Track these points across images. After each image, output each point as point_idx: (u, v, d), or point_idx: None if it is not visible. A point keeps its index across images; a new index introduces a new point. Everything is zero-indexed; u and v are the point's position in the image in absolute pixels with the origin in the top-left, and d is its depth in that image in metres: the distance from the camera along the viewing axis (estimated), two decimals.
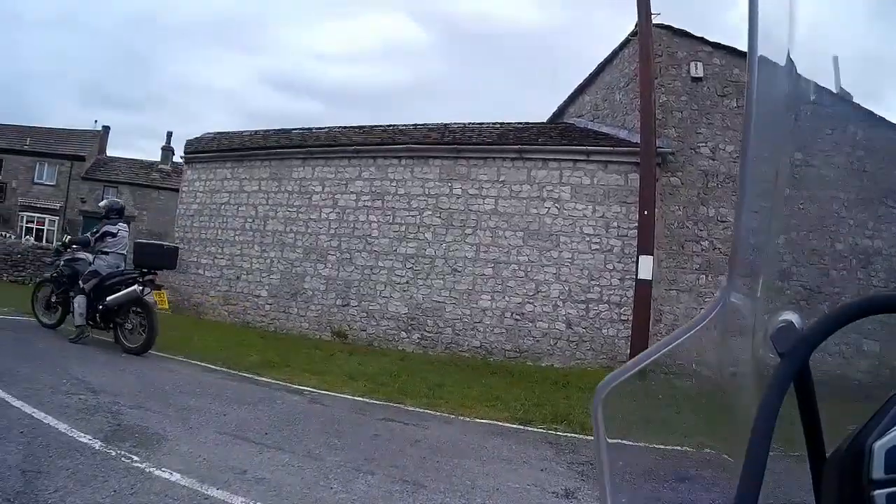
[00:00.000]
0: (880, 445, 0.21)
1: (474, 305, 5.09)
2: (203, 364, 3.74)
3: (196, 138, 8.10)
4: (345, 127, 7.13)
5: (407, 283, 6.08)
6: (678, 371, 0.30)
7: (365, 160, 6.50)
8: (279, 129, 7.64)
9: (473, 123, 6.65)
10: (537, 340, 4.86)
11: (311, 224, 6.73)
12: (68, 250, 4.14)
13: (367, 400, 3.11)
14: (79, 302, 3.84)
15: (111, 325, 3.83)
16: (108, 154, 18.03)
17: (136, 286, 3.60)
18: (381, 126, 7.02)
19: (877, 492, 0.21)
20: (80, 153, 16.60)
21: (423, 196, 6.22)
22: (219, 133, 8.10)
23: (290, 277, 6.66)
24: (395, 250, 6.25)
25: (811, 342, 0.23)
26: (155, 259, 3.80)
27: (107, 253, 3.90)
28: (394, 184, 6.38)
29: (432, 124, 6.70)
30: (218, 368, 3.68)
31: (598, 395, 0.27)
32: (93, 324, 3.93)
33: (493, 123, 6.62)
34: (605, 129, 5.59)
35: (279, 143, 7.14)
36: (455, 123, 6.67)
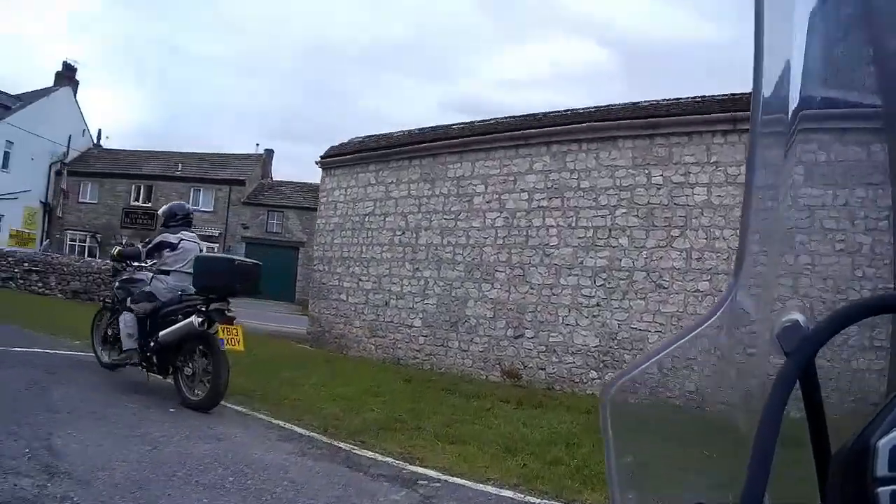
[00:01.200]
0: (885, 443, 0.46)
1: None
2: (288, 426, 5.79)
3: (338, 144, 14.71)
4: (511, 117, 12.06)
5: (597, 305, 9.47)
6: (685, 369, 0.66)
7: (536, 147, 10.80)
8: (434, 126, 13.24)
9: (668, 100, 9.99)
10: None
11: (474, 233, 11.34)
12: (127, 269, 6.87)
13: (526, 498, 4.13)
14: (125, 321, 6.26)
15: (171, 369, 6.14)
16: (272, 178, 38.07)
17: (193, 317, 5.71)
18: (555, 112, 11.42)
19: (881, 489, 0.45)
20: (240, 177, 35.27)
21: (613, 189, 9.67)
22: (365, 137, 14.48)
23: (449, 302, 11.45)
24: (581, 262, 9.92)
25: (817, 341, 0.52)
26: (223, 280, 5.88)
27: (167, 272, 6.32)
28: (574, 175, 10.24)
29: (618, 105, 10.51)
30: (308, 434, 5.59)
31: (606, 394, 0.63)
32: (146, 366, 6.35)
33: (694, 97, 9.78)
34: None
35: (430, 137, 12.60)
36: (645, 101, 10.11)
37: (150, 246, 6.64)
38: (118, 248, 7.38)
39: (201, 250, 6.86)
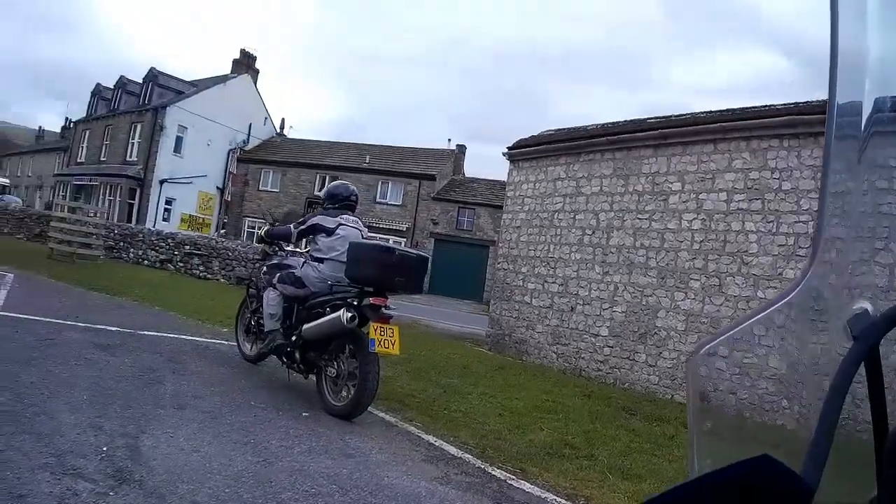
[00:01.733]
0: None
1: None
2: (439, 443, 6.99)
3: (528, 137, 18.58)
4: (709, 112, 14.79)
5: None
6: (760, 342, 1.19)
7: (735, 143, 13.51)
8: (629, 120, 16.60)
9: None
10: None
11: (668, 236, 14.28)
12: (278, 253, 8.78)
13: None
14: (268, 298, 8.03)
15: (314, 369, 7.70)
16: (465, 174, 52.20)
17: (342, 311, 7.10)
18: (754, 107, 13.96)
19: None
20: (430, 172, 48.87)
21: (815, 192, 11.28)
22: (556, 129, 18.36)
23: (639, 311, 14.48)
24: (781, 274, 12.24)
25: (882, 328, 0.93)
26: (379, 271, 7.25)
27: (321, 260, 7.92)
28: (776, 175, 12.71)
29: (817, 101, 12.43)
30: (459, 455, 6.71)
31: (692, 359, 1.14)
32: (287, 362, 7.99)
33: None
34: None
35: (625, 129, 15.79)
36: None
37: (303, 227, 8.25)
38: (267, 227, 9.08)
39: (364, 237, 8.27)
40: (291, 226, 8.60)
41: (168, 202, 50.03)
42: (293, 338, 7.94)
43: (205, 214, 51.88)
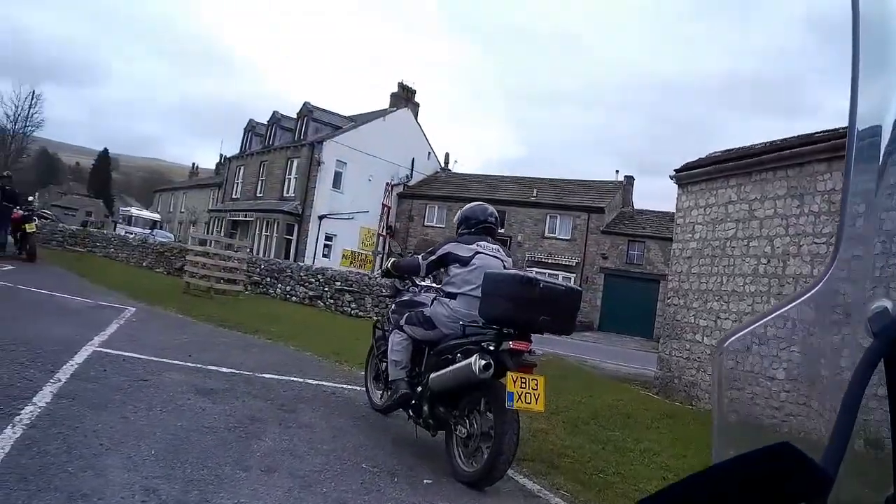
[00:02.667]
0: None
1: None
2: None
3: (695, 159, 17.66)
4: None
5: None
6: (784, 336, 1.32)
7: None
8: (798, 136, 15.31)
9: None
10: None
11: None
12: (410, 289, 8.15)
13: None
14: (393, 342, 7.34)
15: (443, 426, 6.82)
16: (634, 207, 52.77)
17: (474, 359, 6.14)
18: None
19: None
20: (599, 205, 49.26)
21: None
22: (724, 150, 17.26)
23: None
24: None
25: None
26: (520, 308, 6.18)
27: (453, 295, 7.00)
28: None
29: None
30: None
31: (720, 348, 1.34)
32: (413, 416, 7.15)
33: None
34: None
35: (795, 144, 14.67)
36: None
37: (433, 258, 7.32)
38: (393, 259, 8.21)
39: (506, 267, 7.19)
40: (420, 256, 7.61)
41: (328, 238, 51.27)
42: (420, 388, 7.09)
43: (367, 250, 52.63)
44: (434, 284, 8.08)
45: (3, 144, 63.14)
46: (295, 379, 9.93)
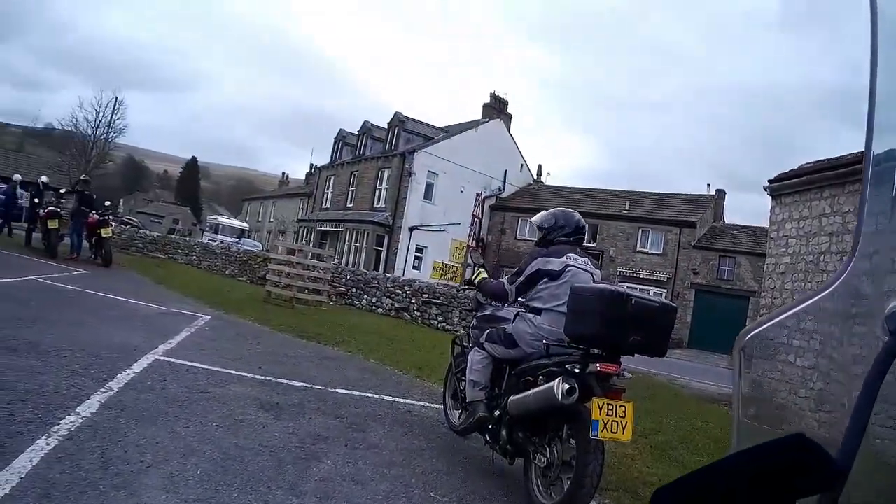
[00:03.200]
0: None
1: None
2: None
3: (789, 170, 17.08)
4: None
5: None
6: (803, 331, 1.65)
7: None
8: None
9: None
10: None
11: None
12: (492, 302, 7.74)
13: None
14: (472, 361, 6.97)
15: (522, 452, 6.38)
16: (725, 221, 52.24)
17: (557, 382, 5.62)
18: None
19: None
20: (691, 219, 48.73)
21: None
22: (817, 161, 16.62)
23: None
24: None
25: None
26: (610, 327, 5.58)
27: (538, 311, 6.56)
28: None
29: None
30: None
31: (739, 342, 1.70)
32: (490, 440, 6.72)
33: None
34: None
35: None
36: None
37: (522, 279, 6.79)
38: (481, 273, 7.89)
39: (596, 281, 6.69)
40: (505, 281, 7.03)
41: (419, 250, 51.10)
42: (498, 412, 6.60)
43: (457, 263, 52.32)
44: (519, 298, 7.38)
45: (84, 150, 64.20)
46: (370, 395, 9.56)
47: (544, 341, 6.25)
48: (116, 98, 64.81)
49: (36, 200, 24.46)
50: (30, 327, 9.33)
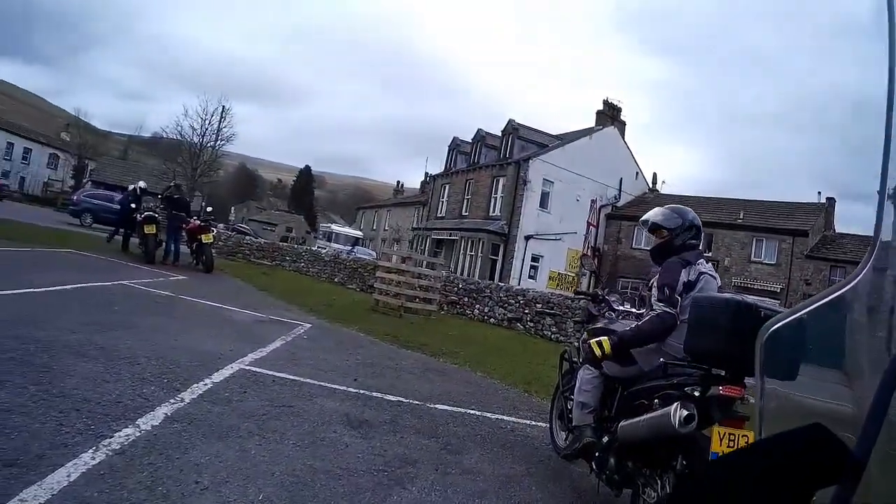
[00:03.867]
0: None
1: None
2: None
3: None
4: None
5: None
6: (823, 325, 1.95)
7: None
8: None
9: None
10: None
11: None
12: (606, 312, 7.45)
13: None
14: (581, 380, 6.54)
15: (629, 481, 5.79)
16: (834, 230, 51.31)
17: (674, 408, 4.97)
18: None
19: None
20: (802, 228, 47.94)
21: None
22: None
23: None
24: None
25: None
26: (737, 344, 4.57)
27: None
28: None
29: None
30: None
31: (762, 336, 2.02)
32: (596, 469, 6.15)
33: None
34: None
35: None
36: None
37: (680, 300, 5.89)
38: (597, 287, 7.26)
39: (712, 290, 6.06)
40: (663, 309, 5.96)
41: (535, 259, 50.74)
42: (606, 437, 6.09)
43: (574, 272, 51.93)
44: (633, 309, 7.14)
45: (190, 157, 65.43)
46: (471, 412, 9.04)
47: (662, 359, 5.71)
48: (224, 107, 65.59)
49: (132, 206, 24.47)
50: (107, 332, 9.02)
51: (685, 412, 4.96)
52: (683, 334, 5.52)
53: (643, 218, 6.67)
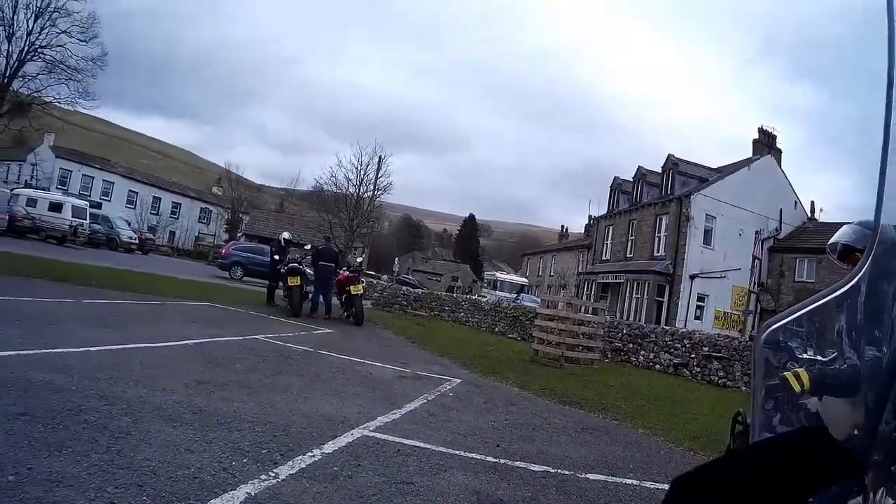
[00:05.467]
0: None
1: None
2: None
3: None
4: None
5: None
6: (820, 324, 2.66)
7: None
8: None
9: None
10: None
11: None
12: (788, 364, 7.33)
13: None
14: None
15: None
16: None
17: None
18: None
19: None
20: None
21: None
22: None
23: None
24: None
25: None
26: None
27: None
28: None
29: None
30: None
31: (760, 336, 2.68)
32: None
33: None
34: None
35: None
36: None
37: None
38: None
39: None
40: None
41: (700, 298, 49.42)
42: None
43: (740, 310, 50.07)
44: (819, 357, 5.48)
45: (346, 208, 65.78)
46: (628, 481, 7.79)
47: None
48: (380, 157, 65.85)
49: (276, 257, 24.05)
50: (214, 393, 8.28)
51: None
52: None
53: (831, 241, 5.24)
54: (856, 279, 1.80)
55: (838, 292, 1.84)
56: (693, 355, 22.63)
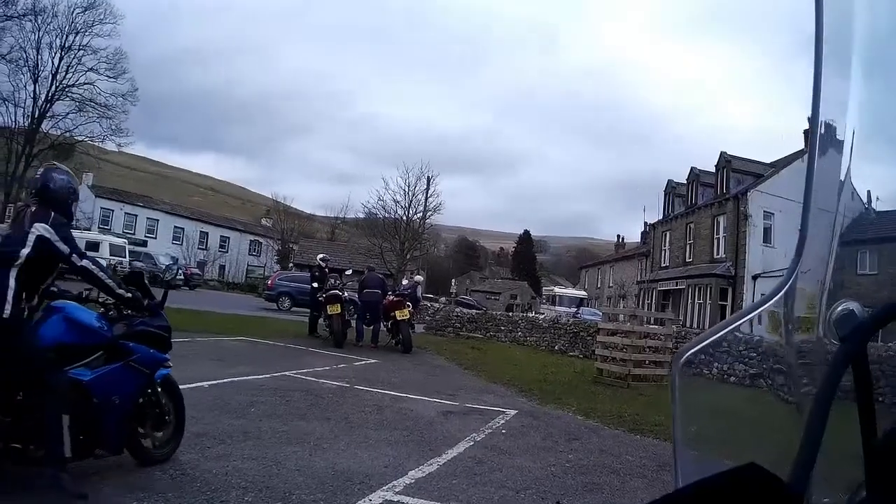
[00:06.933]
0: None
1: None
2: None
3: None
4: None
5: None
6: (746, 345, 3.23)
7: None
8: None
9: None
10: None
11: None
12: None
13: None
14: None
15: None
16: None
17: None
18: None
19: None
20: None
21: None
22: None
23: None
24: None
25: (869, 329, 1.08)
26: None
27: None
28: None
29: None
30: None
31: (676, 363, 1.39)
32: None
33: None
34: None
35: None
36: None
37: None
38: None
39: None
40: None
41: None
42: None
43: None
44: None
45: (396, 232, 64.64)
46: None
47: None
48: (428, 178, 64.54)
49: (315, 285, 22.53)
50: (209, 449, 7.06)
51: None
52: None
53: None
54: (786, 286, 1.31)
55: (764, 306, 1.32)
56: (765, 365, 20.33)
